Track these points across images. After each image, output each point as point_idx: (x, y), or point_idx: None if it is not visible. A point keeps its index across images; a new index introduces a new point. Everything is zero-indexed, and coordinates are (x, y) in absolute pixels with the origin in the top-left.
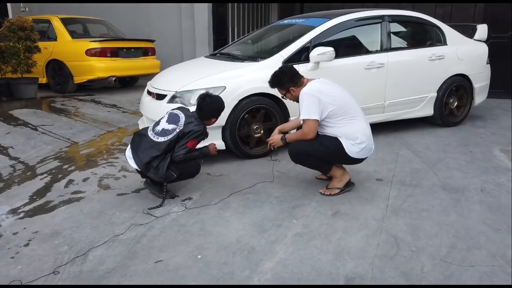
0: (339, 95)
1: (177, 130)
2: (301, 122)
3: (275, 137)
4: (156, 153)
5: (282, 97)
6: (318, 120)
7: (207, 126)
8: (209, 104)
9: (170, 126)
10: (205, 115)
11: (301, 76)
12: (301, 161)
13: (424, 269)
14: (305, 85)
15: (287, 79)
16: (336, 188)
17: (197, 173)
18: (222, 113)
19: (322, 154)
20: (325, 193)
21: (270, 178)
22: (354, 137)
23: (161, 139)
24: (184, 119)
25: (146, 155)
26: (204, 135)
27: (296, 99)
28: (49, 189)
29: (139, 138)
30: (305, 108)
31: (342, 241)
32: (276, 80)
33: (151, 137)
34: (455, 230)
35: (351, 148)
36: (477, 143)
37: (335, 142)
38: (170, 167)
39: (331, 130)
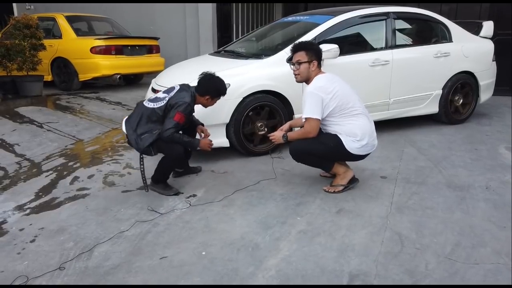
0: (342, 92)
1: (167, 99)
2: (303, 120)
3: (277, 134)
4: (144, 119)
5: (291, 64)
6: (319, 120)
7: (206, 107)
8: (208, 80)
9: (162, 95)
10: (201, 89)
11: (321, 66)
12: (302, 160)
13: (428, 266)
14: (312, 79)
15: (317, 52)
16: (339, 185)
17: (178, 160)
18: (226, 110)
19: (322, 152)
20: (329, 190)
21: (274, 176)
22: (354, 133)
23: (151, 105)
24: (176, 90)
25: (134, 120)
26: (191, 108)
27: (305, 79)
28: (54, 186)
29: (137, 106)
30: (308, 106)
31: (346, 238)
32: (308, 44)
33: (144, 103)
34: (460, 228)
35: (351, 145)
36: (483, 141)
37: (335, 140)
38: (153, 144)
39: (331, 128)
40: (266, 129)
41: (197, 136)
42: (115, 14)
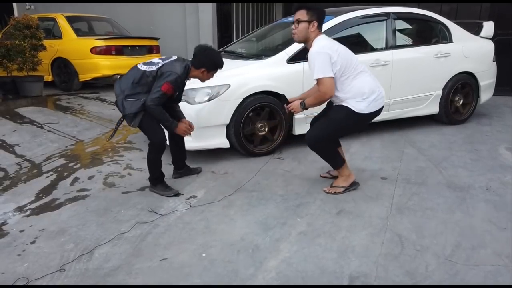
0: (344, 51)
1: (160, 65)
2: (315, 82)
3: (294, 103)
4: (134, 81)
5: (293, 22)
6: (333, 77)
7: (203, 81)
8: (203, 52)
9: (157, 60)
10: (196, 62)
11: (321, 28)
12: (318, 149)
13: (428, 268)
14: (312, 42)
15: (319, 13)
16: (341, 186)
17: (161, 147)
18: (227, 111)
19: (338, 128)
20: (330, 191)
21: (275, 176)
22: (362, 93)
23: (143, 67)
24: (172, 59)
25: (125, 82)
26: (181, 80)
27: (302, 39)
28: (55, 187)
29: (131, 68)
30: (318, 66)
31: (347, 240)
32: (310, 4)
33: (138, 65)
34: (460, 229)
35: (359, 106)
36: (483, 141)
37: (343, 110)
38: (137, 114)
39: (338, 95)
40: (266, 129)
41: None
42: (115, 14)
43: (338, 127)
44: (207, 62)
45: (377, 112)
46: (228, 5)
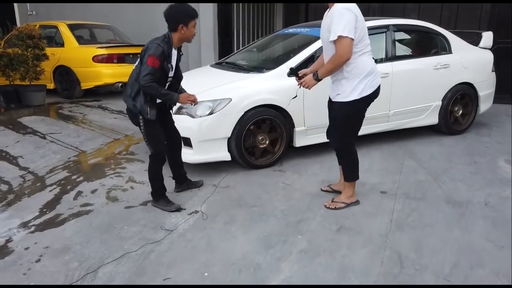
0: (363, 23)
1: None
2: (332, 40)
3: (307, 77)
4: (133, 79)
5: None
6: (353, 40)
7: (190, 40)
8: (169, 11)
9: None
10: (171, 24)
11: None
12: (347, 151)
13: None
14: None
15: None
16: (342, 202)
17: (160, 157)
18: (228, 124)
19: (351, 121)
20: (331, 206)
21: (276, 190)
22: (362, 73)
23: (136, 62)
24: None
25: (129, 86)
26: (162, 49)
27: None
28: (58, 201)
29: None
30: (343, 24)
31: (347, 258)
32: None
33: (135, 65)
34: (459, 246)
35: (357, 92)
36: (482, 152)
37: (343, 105)
38: (151, 106)
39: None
40: (267, 142)
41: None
42: (117, 20)
43: (350, 120)
44: (179, 16)
45: (377, 93)
46: (228, 10)
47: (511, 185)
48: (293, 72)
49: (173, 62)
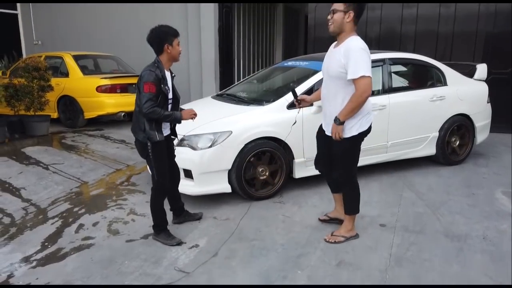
0: None
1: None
2: (352, 78)
3: (335, 129)
4: (138, 112)
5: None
6: (371, 78)
7: (177, 58)
8: (151, 34)
9: None
10: (156, 46)
11: (357, 22)
12: (352, 184)
13: None
14: (348, 35)
15: (357, 6)
16: (341, 236)
17: (162, 189)
18: (229, 157)
19: (351, 154)
20: (330, 240)
21: (276, 223)
22: (366, 110)
23: (136, 94)
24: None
25: (135, 121)
26: (155, 74)
27: (337, 29)
28: (60, 235)
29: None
30: (364, 63)
31: None
32: None
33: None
34: (457, 282)
35: (355, 128)
36: (480, 183)
37: (343, 141)
38: (158, 130)
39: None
40: (267, 173)
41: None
42: (120, 51)
43: (350, 154)
44: (162, 36)
45: (370, 127)
46: (229, 41)
47: (509, 218)
48: (294, 94)
49: (169, 84)
